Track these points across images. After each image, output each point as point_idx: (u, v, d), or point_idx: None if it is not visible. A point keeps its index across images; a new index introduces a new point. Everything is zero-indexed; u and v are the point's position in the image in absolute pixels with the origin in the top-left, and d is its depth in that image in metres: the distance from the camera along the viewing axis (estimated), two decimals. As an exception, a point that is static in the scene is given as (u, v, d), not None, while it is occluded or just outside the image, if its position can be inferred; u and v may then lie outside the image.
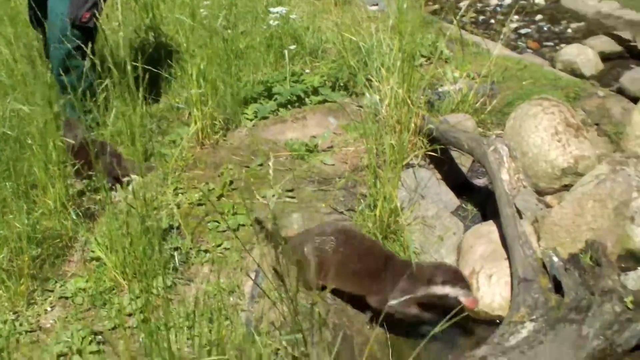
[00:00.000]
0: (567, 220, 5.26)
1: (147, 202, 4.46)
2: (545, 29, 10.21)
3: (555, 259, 5.06)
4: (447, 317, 3.61)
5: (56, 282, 4.51)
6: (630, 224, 5.47)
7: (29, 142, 5.03)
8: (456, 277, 4.54)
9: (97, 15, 5.70)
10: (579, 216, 5.24)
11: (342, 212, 5.16)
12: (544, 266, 4.93)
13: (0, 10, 8.18)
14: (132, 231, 4.34)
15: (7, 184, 4.86)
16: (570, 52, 8.82)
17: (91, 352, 3.96)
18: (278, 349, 3.79)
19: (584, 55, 8.74)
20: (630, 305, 4.67)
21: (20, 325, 4.17)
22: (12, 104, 5.37)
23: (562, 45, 9.37)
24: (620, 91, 7.80)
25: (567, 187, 5.90)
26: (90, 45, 5.57)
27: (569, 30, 10.17)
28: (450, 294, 4.50)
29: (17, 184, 4.91)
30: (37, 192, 5.05)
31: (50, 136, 5.00)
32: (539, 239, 5.30)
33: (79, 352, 3.96)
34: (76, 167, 5.19)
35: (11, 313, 4.26)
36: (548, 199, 5.95)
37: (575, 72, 8.46)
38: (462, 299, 4.52)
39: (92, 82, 5.55)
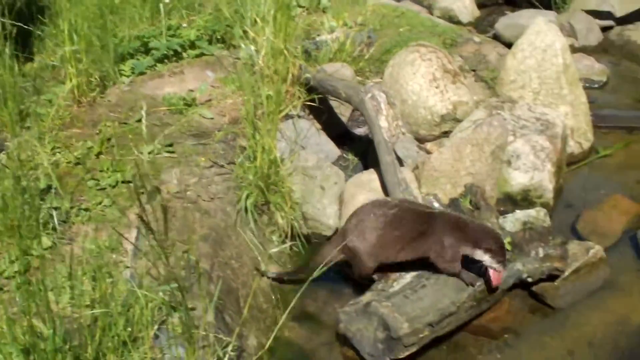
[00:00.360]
0: (446, 166, 5.35)
1: (22, 163, 4.40)
2: (421, -24, 10.29)
3: (436, 204, 5.15)
4: (325, 261, 3.69)
5: None
6: (507, 167, 5.61)
7: None
8: (499, 249, 4.49)
9: None
10: (457, 161, 5.33)
11: (222, 166, 5.14)
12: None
13: None
14: (7, 192, 4.26)
15: None
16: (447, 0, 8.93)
17: (-33, 317, 3.89)
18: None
19: (461, 3, 8.82)
20: (508, 247, 4.79)
21: None
22: None
23: (440, -8, 9.46)
24: (496, 37, 7.95)
25: (446, 134, 6.00)
26: None
27: (445, -22, 10.28)
28: (486, 262, 4.48)
29: None
30: None
31: None
32: (420, 185, 5.37)
33: (-41, 318, 3.88)
34: None
35: None
36: (428, 145, 6.04)
37: (452, 19, 8.54)
38: (491, 273, 4.50)
39: None
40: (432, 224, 4.52)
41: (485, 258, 4.46)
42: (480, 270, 4.52)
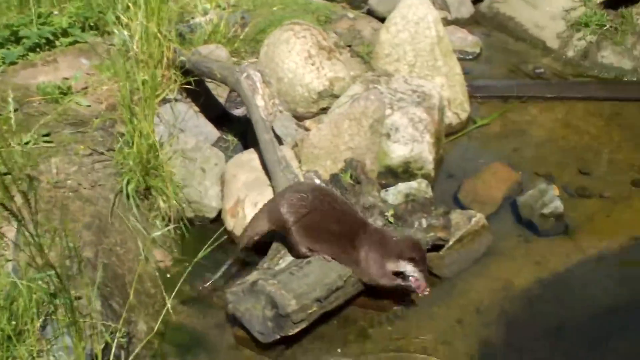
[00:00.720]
0: (325, 142, 5.42)
1: None
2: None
3: (317, 180, 5.20)
4: (209, 242, 3.74)
5: None
6: (386, 140, 5.73)
7: None
8: (421, 260, 4.54)
9: None
10: (336, 137, 5.40)
11: (101, 153, 5.10)
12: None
13: None
14: None
15: None
16: (318, -23, 8.97)
17: None
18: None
19: (331, -21, 8.92)
20: (391, 219, 4.94)
21: None
22: None
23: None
24: (370, 12, 8.01)
25: (324, 110, 6.08)
26: None
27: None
28: (408, 272, 4.53)
29: None
30: None
31: None
32: (300, 162, 5.44)
33: None
34: None
35: None
36: (307, 123, 6.09)
37: (325, -4, 8.65)
38: (413, 281, 4.55)
39: None
40: (360, 240, 4.57)
41: (408, 269, 4.53)
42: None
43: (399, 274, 4.58)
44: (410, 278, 4.56)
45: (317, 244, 4.61)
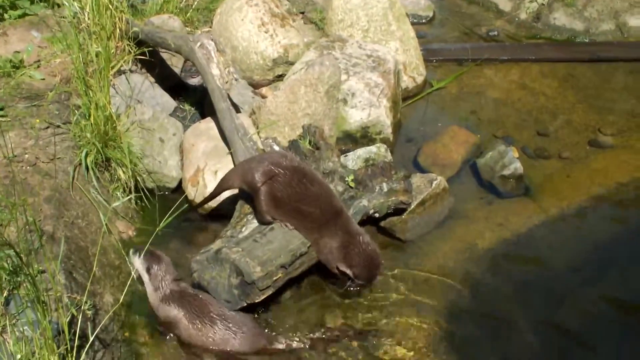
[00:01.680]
0: (282, 109, 5.42)
1: None
2: None
3: (276, 147, 5.24)
4: (170, 211, 3.72)
5: None
6: (343, 106, 5.76)
7: None
8: (369, 276, 4.56)
9: None
10: (293, 103, 5.40)
11: (58, 126, 5.05)
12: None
13: None
14: None
15: None
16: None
17: None
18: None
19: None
20: (352, 184, 4.96)
21: None
22: None
23: None
24: (321, -21, 8.06)
25: (280, 77, 6.10)
26: None
27: None
28: (351, 276, 4.55)
29: None
30: None
31: None
32: (258, 130, 5.42)
33: None
34: None
35: None
36: (263, 90, 6.11)
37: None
38: (352, 286, 4.61)
39: None
40: (327, 226, 4.57)
41: (352, 277, 4.55)
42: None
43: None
44: (355, 283, 4.61)
45: (283, 216, 4.62)
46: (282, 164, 4.63)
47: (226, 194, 4.97)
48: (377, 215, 4.99)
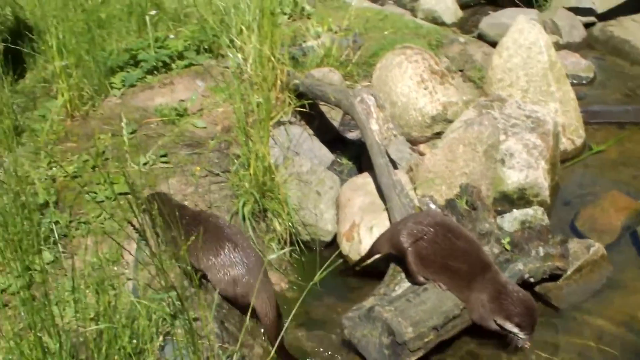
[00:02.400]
0: (440, 167, 5.36)
1: (20, 178, 4.42)
2: (403, -21, 10.33)
3: (432, 205, 5.16)
4: (325, 266, 3.73)
5: None
6: (501, 166, 5.64)
7: None
8: (529, 326, 4.43)
9: None
10: (451, 162, 5.34)
11: (217, 174, 5.15)
12: (422, 213, 4.98)
13: None
14: (6, 208, 4.28)
15: None
16: (430, 1, 8.90)
17: (-24, 336, 3.91)
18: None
19: (443, 4, 8.86)
20: (507, 247, 4.83)
21: None
22: None
23: (422, -5, 9.51)
24: (480, 37, 8.00)
25: (438, 135, 6.03)
26: None
27: (427, -20, 10.33)
28: (513, 332, 4.43)
29: None
30: None
31: None
32: (415, 187, 5.36)
33: (-37, 336, 3.90)
34: None
35: None
36: (421, 147, 6.06)
37: (436, 21, 8.59)
38: (519, 341, 4.45)
39: None
40: (476, 281, 4.48)
41: (514, 330, 4.42)
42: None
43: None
44: (518, 338, 4.45)
45: (433, 275, 4.55)
46: (425, 221, 4.59)
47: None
48: (532, 279, 4.84)
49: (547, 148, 5.77)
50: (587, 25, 8.51)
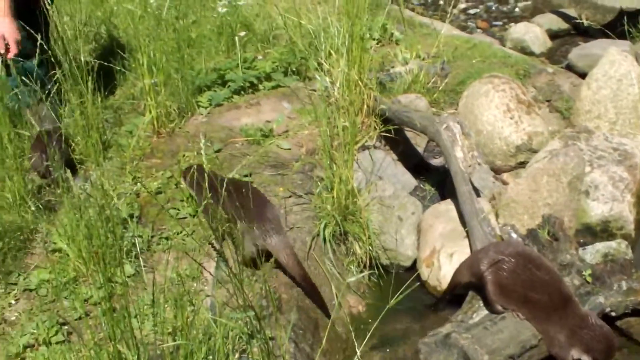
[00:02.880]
0: (523, 197, 5.31)
1: (105, 192, 4.48)
2: (493, 8, 10.26)
3: (514, 235, 5.12)
4: (402, 289, 3.69)
5: (19, 274, 4.45)
6: (585, 198, 5.57)
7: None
8: (609, 357, 4.35)
9: (47, 6, 5.67)
10: (535, 192, 5.29)
11: (300, 196, 5.18)
12: (503, 242, 4.94)
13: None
14: (92, 221, 4.35)
15: (-37, 178, 4.86)
16: (519, 31, 8.87)
17: (57, 343, 3.94)
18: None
19: (533, 33, 8.81)
20: (589, 279, 4.76)
21: (-16, 319, 4.17)
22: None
23: (511, 24, 9.43)
24: (569, 67, 7.87)
25: (522, 164, 5.97)
26: (40, 37, 5.55)
27: (517, 10, 10.23)
28: None
29: (-26, 178, 4.91)
30: (-5, 185, 5.05)
31: (4, 129, 4.99)
32: (497, 215, 5.34)
33: (46, 342, 3.93)
34: (33, 159, 5.17)
35: (-26, 307, 4.25)
36: (504, 176, 6.01)
37: (524, 50, 8.52)
38: None
39: (46, 73, 5.57)
40: (556, 314, 4.40)
41: None
42: None
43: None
44: None
45: (512, 305, 4.50)
46: (506, 251, 4.54)
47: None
48: (613, 314, 4.74)
49: (634, 181, 5.68)
50: (682, 59, 8.30)
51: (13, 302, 4.31)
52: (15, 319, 4.19)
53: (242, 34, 7.02)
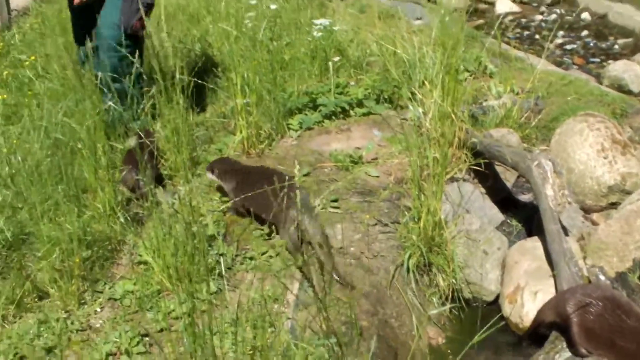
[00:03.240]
0: (614, 238, 5.17)
1: (193, 209, 4.53)
2: (591, 44, 10.16)
3: (602, 277, 5.02)
4: (486, 327, 3.63)
5: (105, 283, 4.56)
6: (677, 243, 5.45)
7: (80, 147, 5.12)
8: None
9: (145, 25, 5.81)
10: (626, 234, 5.15)
11: (386, 224, 5.18)
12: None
13: (54, 20, 8.36)
14: (178, 236, 4.41)
15: (59, 187, 4.96)
16: (618, 68, 8.74)
17: (139, 353, 4.00)
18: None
19: (632, 72, 8.65)
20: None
21: (72, 324, 4.20)
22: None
23: (609, 61, 9.30)
24: (669, 109, 7.76)
25: (614, 205, 5.85)
26: (138, 54, 5.70)
27: (616, 47, 10.11)
28: None
29: (69, 188, 5.00)
30: (88, 196, 5.15)
31: (99, 142, 5.09)
32: (585, 256, 5.23)
33: (127, 352, 4.00)
34: (124, 172, 5.27)
35: (63, 312, 4.30)
36: (594, 216, 5.91)
37: (622, 89, 8.39)
38: None
39: (142, 89, 5.70)
40: None
41: None
42: None
43: None
44: None
45: (597, 350, 4.39)
46: (594, 294, 4.42)
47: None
48: None
49: None
50: None
51: (98, 309, 4.39)
52: (99, 326, 4.28)
53: (336, 59, 7.06)
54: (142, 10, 5.63)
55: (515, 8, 11.66)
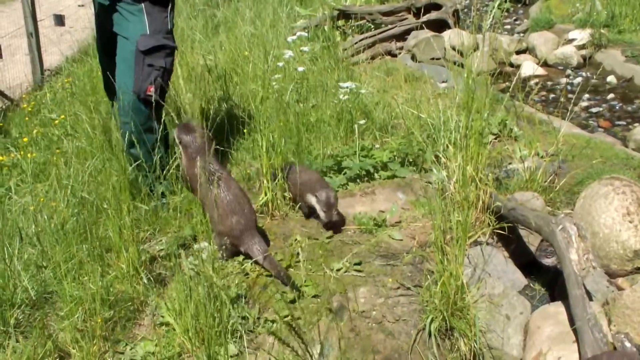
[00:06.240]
0: (639, 304, 5.19)
1: (215, 270, 4.56)
2: (617, 107, 10.14)
3: (627, 344, 4.96)
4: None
5: (127, 344, 4.58)
6: None
7: (105, 206, 5.18)
8: None
9: (164, 87, 5.85)
10: (652, 300, 5.16)
11: (408, 288, 5.17)
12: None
13: (84, 80, 8.51)
14: (200, 298, 4.43)
15: (83, 246, 5.01)
16: (643, 132, 8.74)
17: (160, 415, 4.05)
18: None
19: (658, 135, 8.66)
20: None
21: (93, 384, 4.26)
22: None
23: (635, 124, 9.28)
24: (695, 172, 7.73)
25: (639, 270, 5.85)
26: (157, 118, 5.74)
27: (643, 109, 10.13)
28: None
29: (93, 247, 5.05)
30: (112, 255, 5.19)
31: (125, 201, 5.15)
32: (609, 322, 5.19)
33: (148, 414, 4.04)
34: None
35: (85, 373, 4.35)
36: (619, 281, 5.87)
37: (648, 152, 8.39)
38: None
39: (164, 153, 5.75)
40: None
41: None
42: None
43: None
44: None
45: None
46: None
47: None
48: None
49: None
50: None
51: (120, 371, 4.40)
52: (122, 389, 4.28)
53: (362, 121, 7.11)
54: (154, 74, 5.67)
55: (541, 71, 11.68)
